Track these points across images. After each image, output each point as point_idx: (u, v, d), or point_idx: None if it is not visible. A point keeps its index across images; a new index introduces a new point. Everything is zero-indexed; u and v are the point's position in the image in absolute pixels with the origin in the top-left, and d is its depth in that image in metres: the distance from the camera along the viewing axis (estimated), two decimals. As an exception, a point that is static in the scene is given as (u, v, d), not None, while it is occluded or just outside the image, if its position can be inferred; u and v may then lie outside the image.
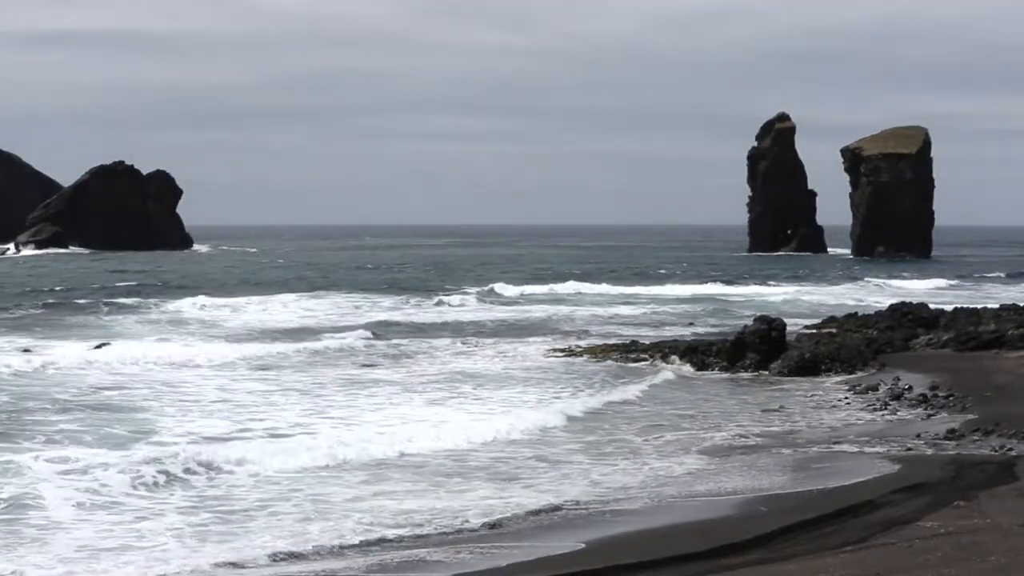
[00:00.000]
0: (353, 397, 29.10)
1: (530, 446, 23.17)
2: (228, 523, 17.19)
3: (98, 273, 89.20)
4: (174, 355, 37.46)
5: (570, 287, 75.61)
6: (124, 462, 20.01)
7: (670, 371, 34.33)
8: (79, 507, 17.62)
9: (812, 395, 30.05)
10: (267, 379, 32.34)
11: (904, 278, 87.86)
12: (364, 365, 35.94)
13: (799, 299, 67.74)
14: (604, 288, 75.29)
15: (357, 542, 16.15)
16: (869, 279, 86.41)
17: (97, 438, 22.96)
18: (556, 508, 18.00)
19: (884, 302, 52.48)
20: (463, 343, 41.70)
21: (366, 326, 47.48)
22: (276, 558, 15.38)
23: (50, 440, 22.66)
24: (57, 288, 70.81)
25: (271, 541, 16.11)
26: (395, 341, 42.30)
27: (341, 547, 15.89)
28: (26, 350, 38.57)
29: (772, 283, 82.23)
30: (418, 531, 16.72)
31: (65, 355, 37.03)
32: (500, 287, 73.50)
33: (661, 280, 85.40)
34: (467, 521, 17.20)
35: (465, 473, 20.68)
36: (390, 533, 16.57)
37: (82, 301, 59.60)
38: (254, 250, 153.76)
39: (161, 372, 33.79)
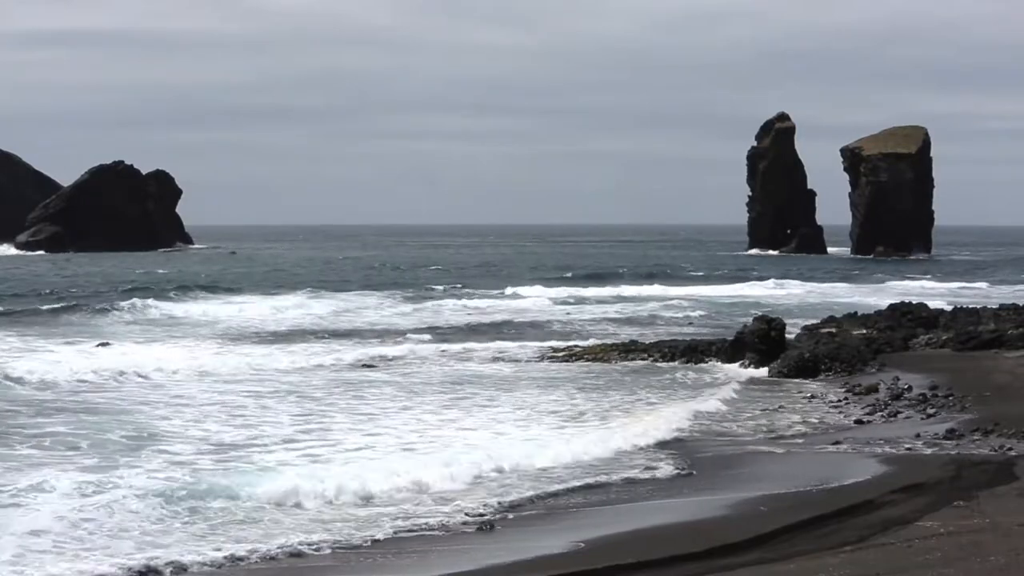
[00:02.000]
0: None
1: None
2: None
3: (98, 273, 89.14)
4: (174, 357, 37.38)
5: (607, 290, 73.63)
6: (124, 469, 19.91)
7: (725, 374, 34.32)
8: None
9: (811, 395, 30.01)
10: (287, 386, 31.91)
11: (903, 278, 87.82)
12: (359, 367, 35.83)
13: (798, 299, 67.70)
14: (643, 289, 74.15)
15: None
16: (869, 279, 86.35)
17: (93, 443, 22.47)
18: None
19: (884, 302, 52.43)
20: (509, 355, 39.22)
21: (399, 332, 46.61)
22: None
23: (38, 446, 22.20)
24: (56, 288, 70.74)
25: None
26: (430, 344, 41.47)
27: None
28: (24, 350, 38.59)
29: (770, 283, 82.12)
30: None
31: (64, 356, 37.02)
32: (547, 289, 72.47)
33: (696, 281, 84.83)
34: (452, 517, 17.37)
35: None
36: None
37: (82, 302, 59.44)
38: (250, 249, 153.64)
39: (161, 374, 33.69)
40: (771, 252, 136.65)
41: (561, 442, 22.98)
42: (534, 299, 66.75)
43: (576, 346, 40.06)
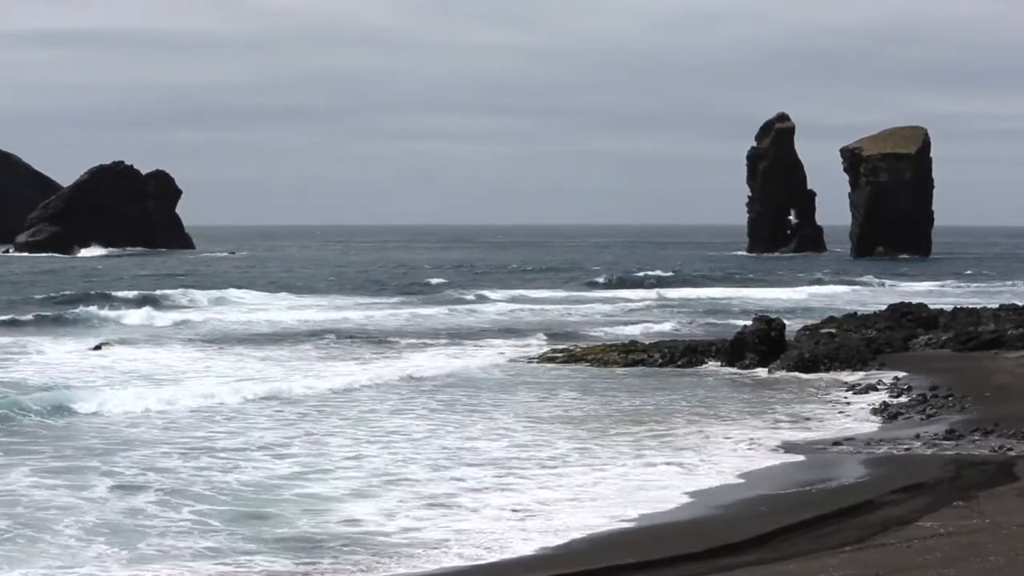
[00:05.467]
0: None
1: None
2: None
3: (98, 274, 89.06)
4: (174, 359, 37.35)
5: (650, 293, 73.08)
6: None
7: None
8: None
9: (810, 395, 30.02)
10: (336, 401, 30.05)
11: (904, 278, 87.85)
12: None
13: (798, 299, 67.69)
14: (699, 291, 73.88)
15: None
16: (869, 279, 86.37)
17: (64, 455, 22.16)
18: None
19: (884, 302, 52.40)
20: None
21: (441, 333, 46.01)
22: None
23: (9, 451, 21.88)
24: (55, 288, 70.63)
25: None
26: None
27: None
28: (26, 350, 38.56)
29: (770, 284, 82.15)
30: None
31: (63, 355, 37.00)
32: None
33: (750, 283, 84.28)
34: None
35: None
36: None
37: (80, 302, 59.16)
38: (247, 252, 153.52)
39: (159, 372, 33.66)
40: (771, 253, 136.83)
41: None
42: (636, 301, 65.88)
43: (576, 346, 39.98)
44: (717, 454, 22.14)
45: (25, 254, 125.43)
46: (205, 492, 18.65)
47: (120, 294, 63.14)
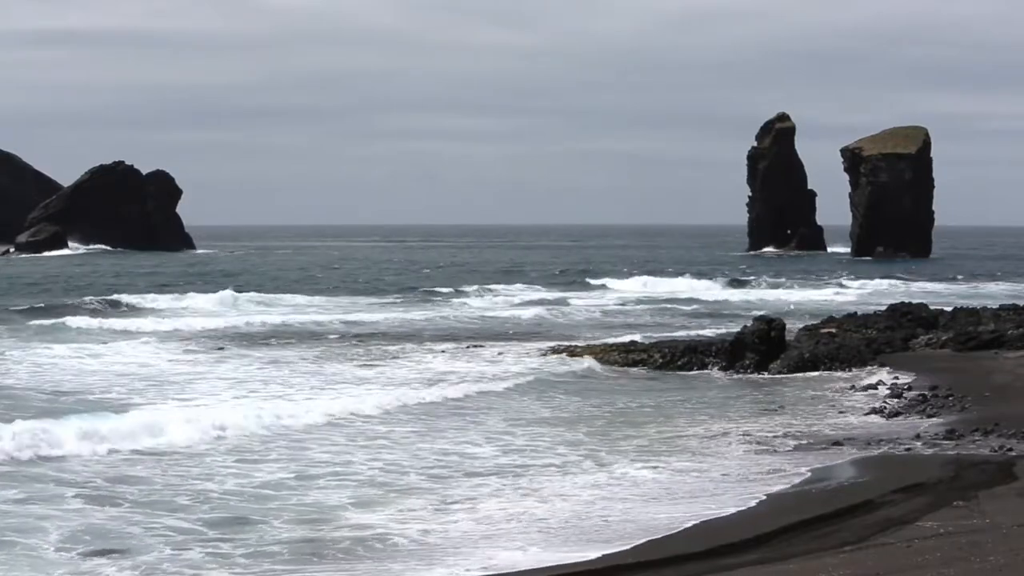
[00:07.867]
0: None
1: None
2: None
3: (98, 274, 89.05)
4: (174, 360, 37.34)
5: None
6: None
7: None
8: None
9: (811, 395, 30.03)
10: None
11: (904, 278, 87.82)
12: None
13: (798, 299, 67.67)
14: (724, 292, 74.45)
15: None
16: (869, 279, 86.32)
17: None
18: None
19: (884, 302, 52.37)
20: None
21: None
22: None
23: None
24: (55, 289, 70.65)
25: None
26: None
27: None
28: (25, 352, 38.57)
29: (771, 284, 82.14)
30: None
31: (62, 356, 37.00)
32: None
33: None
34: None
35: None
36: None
37: (80, 303, 59.17)
38: (247, 252, 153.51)
39: (158, 375, 33.67)
40: (770, 249, 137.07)
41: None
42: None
43: (575, 346, 39.98)
44: (718, 454, 22.17)
45: (25, 254, 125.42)
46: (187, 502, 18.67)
47: (120, 295, 63.09)
